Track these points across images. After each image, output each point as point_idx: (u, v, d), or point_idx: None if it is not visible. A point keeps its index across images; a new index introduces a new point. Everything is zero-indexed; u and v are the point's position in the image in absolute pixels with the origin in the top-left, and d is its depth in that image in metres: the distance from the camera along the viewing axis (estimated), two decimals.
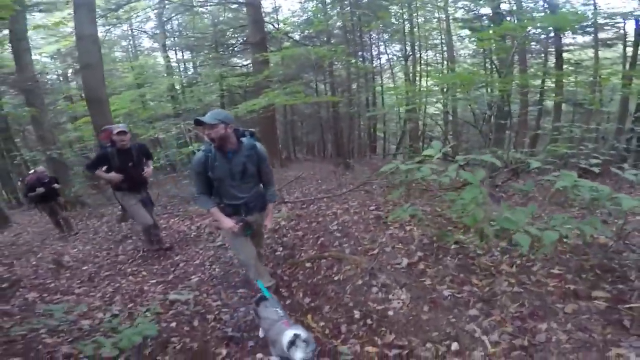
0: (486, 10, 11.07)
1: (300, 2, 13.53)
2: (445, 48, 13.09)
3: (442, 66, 13.89)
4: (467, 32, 13.32)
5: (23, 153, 12.09)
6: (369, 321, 2.35)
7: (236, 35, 14.61)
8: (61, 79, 15.69)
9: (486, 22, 11.33)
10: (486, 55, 12.19)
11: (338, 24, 11.52)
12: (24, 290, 3.82)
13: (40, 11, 8.95)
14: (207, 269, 3.74)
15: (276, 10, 14.82)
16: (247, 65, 14.41)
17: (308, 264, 3.32)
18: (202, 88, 12.91)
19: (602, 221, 3.26)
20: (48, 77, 14.89)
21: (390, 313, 2.35)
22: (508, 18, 10.47)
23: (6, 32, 8.50)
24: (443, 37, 13.08)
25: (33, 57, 10.08)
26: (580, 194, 2.10)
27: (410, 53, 13.29)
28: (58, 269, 4.46)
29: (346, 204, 4.84)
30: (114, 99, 9.96)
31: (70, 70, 15.27)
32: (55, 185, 6.29)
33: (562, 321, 1.96)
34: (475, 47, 12.65)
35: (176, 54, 16.78)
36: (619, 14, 8.59)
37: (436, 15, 12.91)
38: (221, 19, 14.84)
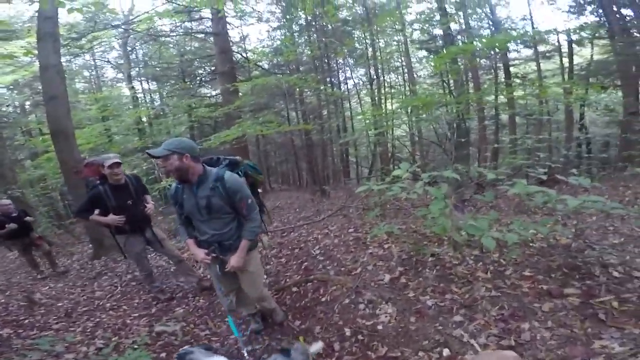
0: (439, 31, 12.00)
1: (268, 32, 13.90)
2: (405, 70, 13.84)
3: (404, 88, 14.65)
4: (424, 53, 14.33)
5: None
6: (360, 337, 2.41)
7: (203, 65, 14.60)
8: (19, 112, 14.89)
9: (440, 42, 12.26)
10: (443, 75, 13.09)
11: (306, 51, 11.92)
12: None
13: None
14: (190, 300, 3.67)
15: (243, 39, 14.97)
16: (216, 95, 14.43)
17: (295, 288, 3.36)
18: (171, 120, 12.77)
19: (563, 224, 3.62)
20: (4, 110, 14.09)
21: (380, 327, 2.43)
22: (458, 37, 11.43)
23: None
24: (403, 59, 13.85)
25: None
26: (533, 199, 2.37)
27: (375, 77, 13.97)
28: (31, 305, 4.19)
29: (326, 228, 4.97)
30: (78, 133, 9.59)
31: (28, 102, 14.57)
32: (28, 219, 5.69)
33: (542, 319, 2.10)
34: (432, 68, 13.55)
35: (142, 85, 16.43)
36: (552, 30, 9.55)
37: (396, 38, 13.73)
38: (188, 48, 14.79)
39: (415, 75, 13.82)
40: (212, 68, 13.45)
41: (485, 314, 2.28)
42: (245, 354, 1.95)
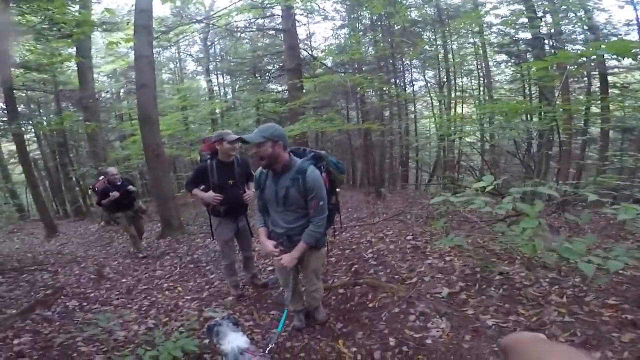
0: (523, 35, 10.90)
1: (333, 30, 13.92)
2: (481, 74, 12.91)
3: (479, 93, 13.68)
4: (504, 57, 13.17)
5: (76, 168, 13.00)
6: (405, 349, 2.26)
7: (273, 61, 15.11)
8: (114, 98, 16.85)
9: (523, 46, 11.14)
10: (525, 80, 11.91)
11: (371, 51, 11.72)
12: (65, 298, 4.03)
13: (104, 30, 9.59)
14: (240, 289, 3.79)
15: (310, 36, 15.16)
16: (282, 91, 14.89)
17: (341, 290, 3.27)
18: (240, 113, 13.46)
19: None
20: (103, 95, 15.93)
21: (429, 341, 2.26)
22: (548, 42, 10.26)
23: (73, 50, 9.03)
24: (479, 63, 12.94)
25: (94, 75, 10.82)
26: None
27: (445, 80, 13.24)
28: (99, 279, 4.66)
29: (381, 232, 4.79)
30: (160, 120, 10.59)
31: (122, 90, 16.38)
32: (131, 188, 5.39)
33: (619, 349, 1.88)
34: (512, 72, 12.41)
35: (217, 78, 17.58)
36: None
37: (471, 40, 12.85)
38: (259, 44, 15.45)
39: (492, 80, 12.83)
40: (281, 64, 13.85)
41: (552, 339, 1.99)
42: (268, 348, 1.94)
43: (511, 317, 2.33)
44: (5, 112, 9.77)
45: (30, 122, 11.09)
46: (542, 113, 6.53)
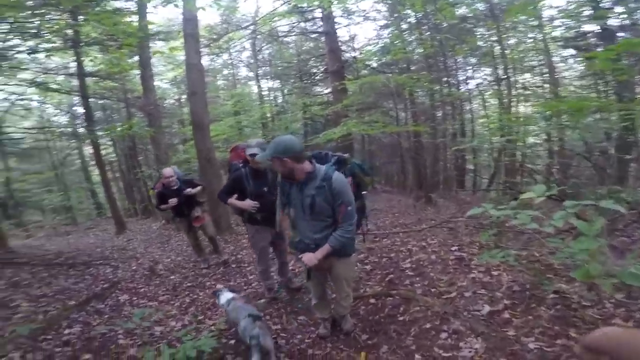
0: (591, 27, 9.66)
1: (376, 30, 13.60)
2: (545, 70, 11.72)
3: (543, 90, 12.44)
4: (571, 51, 11.78)
5: (144, 170, 14.28)
6: None
7: (317, 64, 15.23)
8: (177, 104, 18.25)
9: (593, 40, 9.88)
10: (598, 76, 10.54)
11: (418, 50, 11.27)
12: (119, 292, 4.36)
13: (160, 39, 10.35)
14: (274, 292, 3.82)
15: (352, 38, 15.02)
16: (327, 94, 14.96)
17: (372, 300, 3.15)
18: (289, 116, 13.76)
19: None
20: (166, 101, 17.20)
21: None
22: (619, 34, 9.00)
23: (136, 58, 9.78)
24: (541, 58, 11.76)
25: (156, 83, 11.66)
26: None
27: (504, 77, 12.23)
28: (151, 275, 4.97)
29: (424, 241, 4.55)
30: (214, 125, 11.20)
31: (184, 96, 17.72)
32: (189, 191, 4.64)
33: None
34: (583, 67, 11.06)
35: (267, 83, 18.16)
36: None
37: (531, 35, 11.72)
38: (304, 48, 15.71)
39: (558, 76, 11.57)
40: (324, 67, 13.94)
41: None
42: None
43: (559, 340, 2.06)
44: (84, 118, 11.02)
45: (102, 127, 12.34)
46: (606, 111, 5.71)
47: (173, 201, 4.53)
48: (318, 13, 11.22)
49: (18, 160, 14.56)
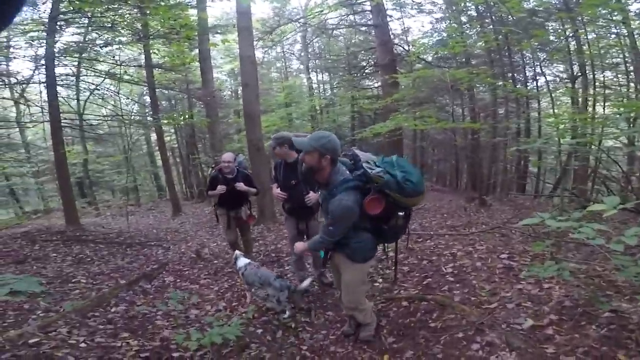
0: None
1: (431, 23, 12.91)
2: (630, 68, 10.27)
3: (628, 89, 10.94)
4: None
5: (201, 157, 15.17)
6: None
7: (367, 58, 14.94)
8: (233, 95, 19.02)
9: None
10: None
11: (479, 44, 10.49)
12: (166, 273, 4.57)
13: (217, 33, 10.87)
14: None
15: (405, 31, 14.47)
16: (377, 87, 14.61)
17: (405, 303, 3.01)
18: (337, 109, 13.68)
19: None
20: (223, 93, 18.02)
21: None
22: None
23: (196, 51, 10.47)
24: (626, 54, 10.29)
25: (214, 75, 12.24)
26: None
27: (580, 74, 10.91)
28: (197, 259, 5.17)
29: (471, 246, 4.24)
30: (266, 116, 11.51)
31: (239, 88, 18.47)
32: (240, 185, 4.13)
33: None
34: None
35: (317, 76, 18.29)
36: None
37: (614, 29, 10.28)
38: (353, 41, 15.43)
39: None
40: (374, 60, 13.59)
41: None
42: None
43: None
44: (150, 107, 11.97)
45: (165, 116, 13.26)
46: None
47: (222, 188, 4.13)
48: (368, 6, 10.98)
49: (94, 144, 16.25)
